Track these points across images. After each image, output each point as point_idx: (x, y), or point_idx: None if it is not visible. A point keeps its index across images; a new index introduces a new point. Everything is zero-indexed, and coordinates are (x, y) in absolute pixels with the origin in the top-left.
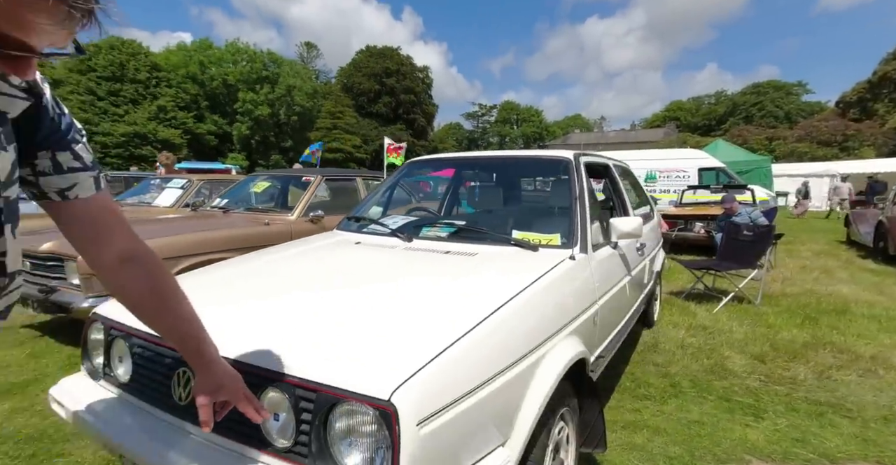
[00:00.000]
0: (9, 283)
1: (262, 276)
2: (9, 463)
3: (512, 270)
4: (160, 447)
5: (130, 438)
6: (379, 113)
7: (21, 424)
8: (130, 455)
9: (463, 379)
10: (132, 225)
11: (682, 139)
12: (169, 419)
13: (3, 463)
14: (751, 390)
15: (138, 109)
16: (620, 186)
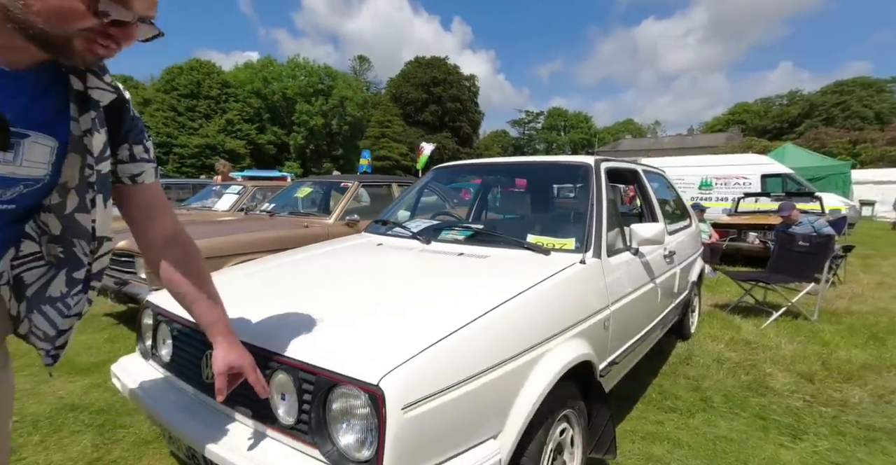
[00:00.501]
0: (98, 246)
1: (286, 272)
2: (83, 429)
3: (518, 271)
4: (189, 418)
5: (166, 409)
6: (425, 121)
7: (95, 397)
8: (166, 425)
9: (454, 370)
10: (194, 226)
11: (746, 144)
12: (198, 395)
13: (78, 428)
14: (792, 409)
15: (210, 122)
16: (650, 193)
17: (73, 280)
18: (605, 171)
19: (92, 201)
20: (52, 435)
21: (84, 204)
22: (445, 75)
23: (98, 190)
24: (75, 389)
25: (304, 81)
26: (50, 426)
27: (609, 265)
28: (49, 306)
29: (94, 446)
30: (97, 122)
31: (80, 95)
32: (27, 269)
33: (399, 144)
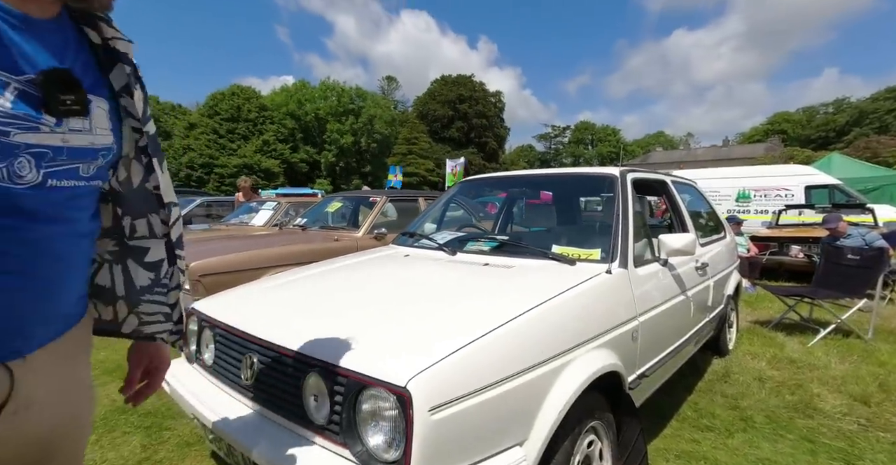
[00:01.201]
0: (169, 213)
1: (318, 281)
2: (133, 430)
3: (544, 280)
4: (229, 418)
5: (209, 410)
6: (452, 138)
7: (145, 403)
8: (208, 425)
9: (479, 374)
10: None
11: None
12: (237, 396)
13: (128, 429)
14: (844, 433)
15: (247, 143)
16: (679, 204)
17: (150, 264)
18: (632, 182)
19: (148, 167)
20: (106, 435)
21: (145, 172)
22: (471, 92)
23: (152, 153)
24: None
25: (335, 102)
26: (104, 427)
27: (636, 276)
28: (149, 294)
29: (143, 446)
30: (133, 77)
31: (104, 47)
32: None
33: (426, 161)
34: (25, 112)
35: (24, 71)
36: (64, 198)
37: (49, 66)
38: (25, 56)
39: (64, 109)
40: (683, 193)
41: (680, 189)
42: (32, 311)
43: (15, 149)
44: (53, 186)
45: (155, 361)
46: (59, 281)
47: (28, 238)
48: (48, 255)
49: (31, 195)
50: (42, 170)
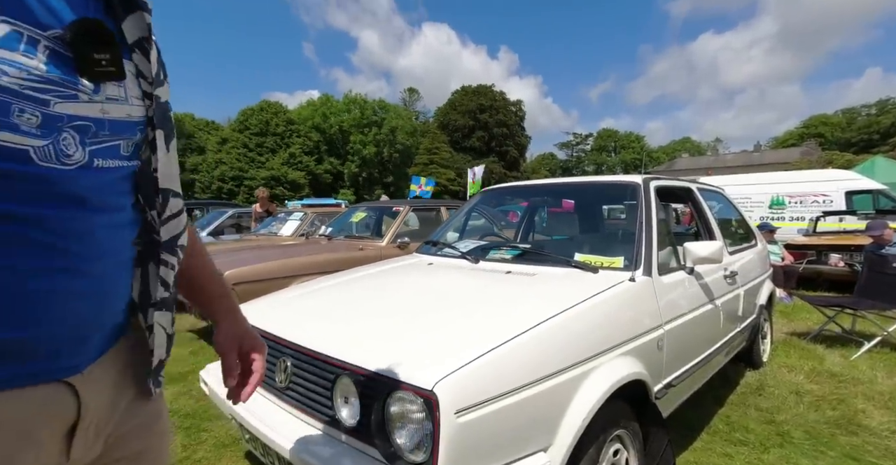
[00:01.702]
0: (164, 204)
1: (346, 288)
2: (173, 430)
3: (566, 288)
4: (265, 419)
5: (246, 411)
6: (472, 147)
7: (182, 403)
8: (246, 425)
9: (504, 379)
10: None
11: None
12: (271, 399)
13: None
14: (892, 451)
15: (275, 156)
16: (705, 211)
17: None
18: (655, 189)
19: (151, 144)
20: None
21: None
22: (492, 102)
23: (158, 125)
24: (167, 395)
25: (359, 114)
26: None
27: (661, 284)
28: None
29: (183, 446)
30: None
31: None
32: None
33: (447, 170)
34: (61, 76)
35: (49, 25)
36: (111, 181)
37: (77, 16)
38: (46, 4)
39: (100, 70)
40: (710, 200)
41: (706, 196)
42: (92, 317)
43: (58, 121)
44: (100, 167)
45: (248, 341)
46: (112, 281)
47: (79, 230)
48: (101, 250)
49: (80, 178)
50: (87, 147)
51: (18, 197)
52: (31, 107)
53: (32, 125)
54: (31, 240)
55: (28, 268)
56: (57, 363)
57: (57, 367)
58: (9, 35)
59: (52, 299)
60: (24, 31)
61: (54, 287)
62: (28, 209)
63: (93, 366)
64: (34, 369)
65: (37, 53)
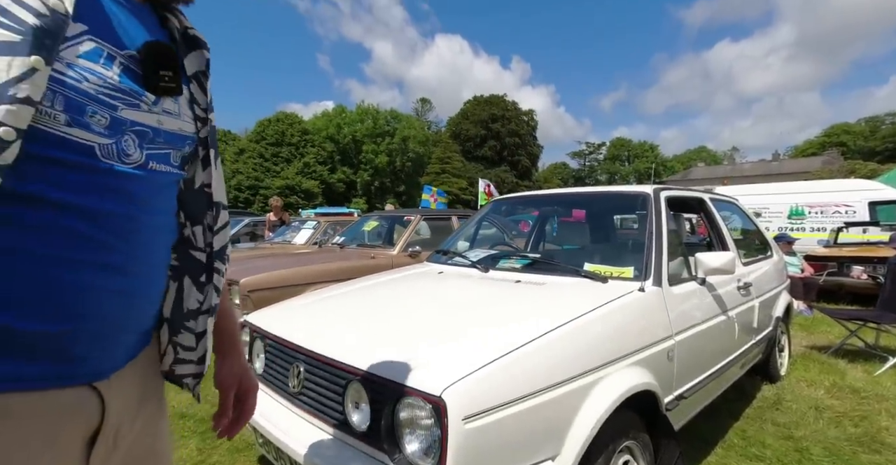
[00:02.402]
0: (216, 217)
1: (357, 296)
2: (189, 435)
3: (575, 297)
4: (279, 424)
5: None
6: (484, 156)
7: (198, 409)
8: (260, 430)
9: (512, 386)
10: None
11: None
12: (284, 403)
13: (186, 434)
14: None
15: (290, 166)
16: (718, 221)
17: (202, 284)
18: (666, 199)
19: (205, 161)
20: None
21: (202, 167)
22: (503, 112)
23: (211, 145)
24: (183, 400)
25: (371, 125)
26: None
27: (671, 294)
28: (192, 320)
29: (199, 450)
30: (208, 63)
31: (183, 34)
32: None
33: (459, 179)
34: (131, 87)
35: (125, 46)
36: (163, 185)
37: (150, 39)
38: (126, 31)
39: (163, 85)
40: (723, 210)
41: (719, 207)
42: (126, 319)
43: (122, 125)
44: (154, 170)
45: (246, 380)
46: (149, 283)
47: (127, 228)
48: (144, 250)
49: (136, 177)
50: (144, 150)
51: (76, 187)
52: (102, 110)
53: (101, 125)
54: (78, 232)
55: (71, 259)
56: (86, 366)
57: (85, 371)
58: (93, 50)
59: (91, 294)
60: (106, 49)
61: (94, 283)
62: (83, 200)
63: (120, 372)
64: (64, 372)
65: (112, 67)
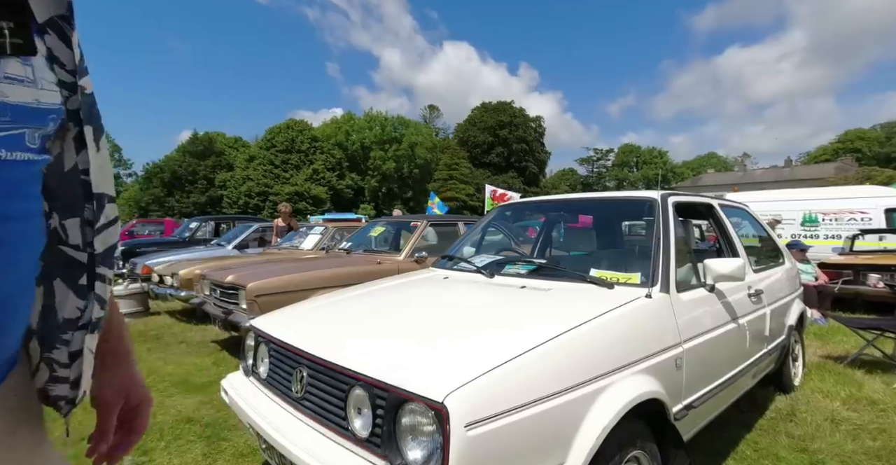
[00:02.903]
0: (98, 211)
1: (362, 301)
2: (195, 439)
3: (581, 303)
4: (281, 429)
5: (263, 420)
6: (492, 163)
7: (204, 413)
8: (262, 434)
9: (516, 393)
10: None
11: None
12: (288, 408)
13: (192, 438)
14: None
15: (299, 172)
16: (727, 227)
17: (82, 288)
18: (674, 205)
19: (78, 141)
20: (173, 442)
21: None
22: (511, 118)
23: (86, 120)
24: (190, 404)
25: (379, 131)
26: (172, 435)
27: (679, 301)
28: (72, 332)
29: (203, 455)
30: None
31: None
32: None
33: (466, 186)
34: None
35: None
36: (18, 178)
37: None
38: None
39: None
40: (733, 216)
41: (729, 213)
42: None
43: None
44: (4, 160)
45: (133, 399)
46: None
47: None
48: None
49: None
50: None
51: None
52: None
53: None
54: None
55: None
56: None
57: None
58: None
59: None
60: None
61: None
62: None
63: None
64: None
65: None
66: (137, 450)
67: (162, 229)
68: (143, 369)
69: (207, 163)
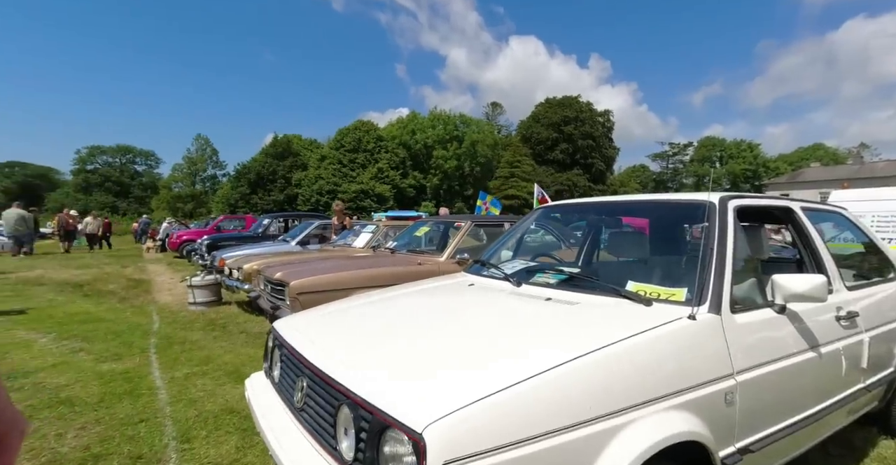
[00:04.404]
0: None
1: (375, 309)
2: (233, 431)
3: (608, 321)
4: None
5: (266, 425)
6: (555, 160)
7: (244, 405)
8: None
9: (513, 427)
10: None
11: None
12: (290, 417)
13: (230, 430)
14: None
15: (364, 171)
16: (811, 236)
17: None
18: (736, 210)
19: None
20: (213, 432)
21: None
22: (577, 113)
23: None
24: (236, 395)
25: (442, 130)
26: (214, 424)
27: (734, 324)
28: None
29: (237, 448)
30: None
31: None
32: None
33: (528, 183)
34: None
35: None
36: None
37: None
38: None
39: None
40: (823, 221)
41: (815, 218)
42: None
43: None
44: None
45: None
46: None
47: None
48: None
49: None
50: None
51: None
52: None
53: None
54: None
55: None
56: None
57: None
58: None
59: None
60: None
61: None
62: None
63: None
64: None
65: None
66: (182, 437)
67: (243, 225)
68: (204, 357)
69: (285, 163)
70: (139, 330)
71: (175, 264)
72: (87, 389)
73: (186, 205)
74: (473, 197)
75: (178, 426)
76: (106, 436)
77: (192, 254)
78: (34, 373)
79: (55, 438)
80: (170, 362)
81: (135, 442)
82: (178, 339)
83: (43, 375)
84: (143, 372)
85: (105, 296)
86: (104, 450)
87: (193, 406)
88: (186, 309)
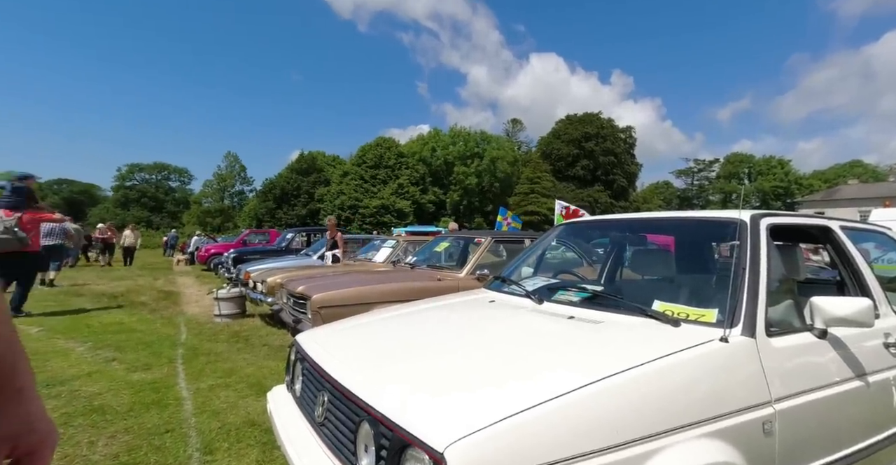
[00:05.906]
0: None
1: (399, 323)
2: (254, 444)
3: (633, 342)
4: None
5: (286, 440)
6: (576, 176)
7: (265, 419)
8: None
9: (536, 448)
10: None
11: None
12: (310, 432)
13: (251, 443)
14: None
15: (385, 187)
16: (853, 256)
17: None
18: (769, 228)
19: None
20: (235, 445)
21: None
22: (598, 129)
23: None
24: (258, 407)
25: (462, 147)
26: (236, 436)
27: (770, 347)
28: None
29: (258, 462)
30: None
31: None
32: None
33: (548, 200)
34: None
35: None
36: None
37: None
38: None
39: None
40: (864, 242)
41: (857, 238)
42: None
43: None
44: None
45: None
46: None
47: None
48: None
49: None
50: None
51: None
52: None
53: None
54: None
55: None
56: None
57: None
58: None
59: None
60: None
61: None
62: None
63: None
64: None
65: None
66: (205, 448)
67: (268, 239)
68: (228, 369)
69: (309, 179)
70: (168, 341)
71: (203, 276)
72: (119, 398)
73: (215, 219)
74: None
75: (202, 438)
76: (134, 445)
77: (219, 267)
78: (70, 381)
79: (87, 445)
80: (195, 374)
81: (161, 452)
82: (203, 350)
83: (78, 383)
84: (170, 382)
85: (137, 307)
86: (132, 459)
87: (217, 418)
88: (212, 321)
